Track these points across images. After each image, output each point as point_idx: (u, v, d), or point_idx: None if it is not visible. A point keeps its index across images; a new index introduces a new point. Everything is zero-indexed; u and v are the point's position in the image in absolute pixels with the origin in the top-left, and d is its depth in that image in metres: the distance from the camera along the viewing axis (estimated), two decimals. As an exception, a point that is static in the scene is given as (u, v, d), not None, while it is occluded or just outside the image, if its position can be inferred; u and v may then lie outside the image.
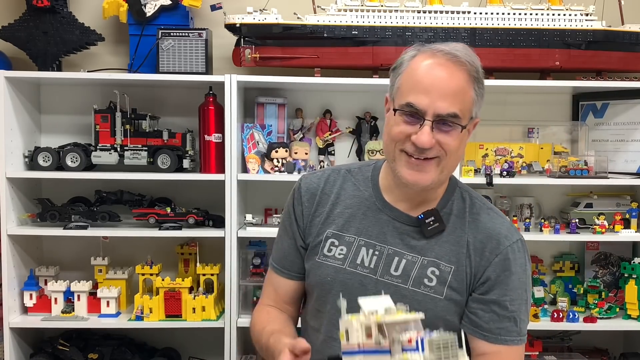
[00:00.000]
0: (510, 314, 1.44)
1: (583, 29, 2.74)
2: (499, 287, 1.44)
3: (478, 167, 2.81)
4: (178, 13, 2.77)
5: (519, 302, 1.45)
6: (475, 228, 1.48)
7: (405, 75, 1.42)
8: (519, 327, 1.45)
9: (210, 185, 2.71)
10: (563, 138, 3.01)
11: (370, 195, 1.53)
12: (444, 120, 1.37)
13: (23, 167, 2.73)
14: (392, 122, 1.42)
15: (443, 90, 1.36)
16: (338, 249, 1.50)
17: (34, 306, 2.71)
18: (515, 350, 1.46)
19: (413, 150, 1.38)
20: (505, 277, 1.44)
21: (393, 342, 1.07)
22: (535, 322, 2.69)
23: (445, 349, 1.05)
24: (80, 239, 2.86)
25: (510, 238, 1.47)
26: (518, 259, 1.46)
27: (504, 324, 1.44)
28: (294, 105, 2.93)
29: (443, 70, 1.38)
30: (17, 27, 2.73)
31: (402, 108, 1.38)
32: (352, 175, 1.58)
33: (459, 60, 1.39)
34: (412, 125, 1.38)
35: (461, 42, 2.65)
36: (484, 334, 1.44)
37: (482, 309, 1.44)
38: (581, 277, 3.01)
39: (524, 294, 1.47)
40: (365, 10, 2.72)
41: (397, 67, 1.45)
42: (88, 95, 2.89)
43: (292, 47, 2.72)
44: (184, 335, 2.94)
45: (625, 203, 2.87)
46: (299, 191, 1.57)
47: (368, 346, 1.10)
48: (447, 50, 1.40)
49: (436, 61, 1.39)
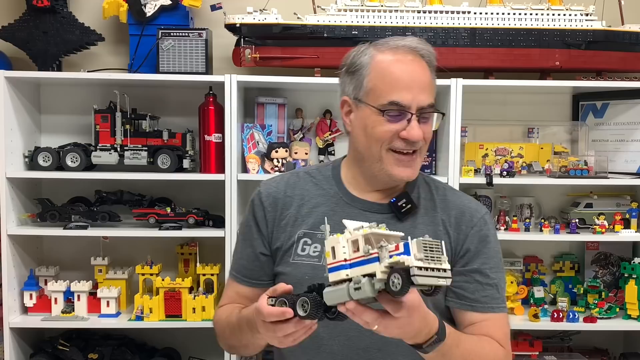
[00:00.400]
0: (492, 281, 1.50)
1: (583, 29, 2.74)
2: (478, 257, 1.50)
3: (478, 167, 2.81)
4: (178, 13, 2.77)
5: (497, 269, 1.52)
6: (446, 207, 1.54)
7: (374, 75, 1.45)
8: (501, 294, 1.51)
9: (210, 185, 2.71)
10: (563, 138, 3.01)
11: (335, 192, 1.55)
12: (424, 112, 1.44)
13: (23, 167, 2.73)
14: (372, 124, 1.44)
15: (421, 84, 1.44)
16: (311, 247, 1.51)
17: (34, 306, 2.71)
18: (502, 317, 1.51)
19: (404, 146, 1.43)
20: (483, 247, 1.50)
21: (381, 250, 1.09)
22: (535, 322, 2.70)
23: (431, 251, 1.07)
24: (80, 239, 2.86)
25: (480, 211, 1.56)
26: (491, 229, 1.55)
27: (488, 292, 1.49)
28: (294, 105, 2.93)
29: (415, 65, 1.45)
30: (17, 27, 2.72)
31: (388, 107, 1.42)
32: (312, 176, 1.59)
33: (421, 54, 1.47)
34: (396, 122, 1.43)
35: (461, 42, 2.70)
36: (471, 305, 1.48)
37: (466, 280, 1.49)
38: (581, 277, 3.01)
39: (500, 262, 1.55)
40: (365, 10, 2.71)
41: (357, 69, 1.48)
42: (88, 95, 2.88)
43: (292, 47, 2.72)
44: (184, 335, 2.94)
45: (625, 203, 2.87)
46: (259, 198, 1.57)
47: (355, 259, 1.11)
48: (409, 45, 1.46)
49: (404, 57, 1.45)
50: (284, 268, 1.54)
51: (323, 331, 1.46)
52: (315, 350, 1.49)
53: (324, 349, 1.48)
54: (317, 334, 1.45)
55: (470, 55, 2.71)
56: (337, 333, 1.47)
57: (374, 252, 1.09)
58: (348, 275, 1.12)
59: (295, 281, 1.50)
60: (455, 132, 2.64)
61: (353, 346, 1.46)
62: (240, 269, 1.59)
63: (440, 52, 2.66)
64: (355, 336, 1.46)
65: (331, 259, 1.15)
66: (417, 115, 1.42)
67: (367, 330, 1.43)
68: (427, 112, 1.44)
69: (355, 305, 1.12)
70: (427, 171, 2.86)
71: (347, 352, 1.47)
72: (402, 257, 1.05)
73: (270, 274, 1.58)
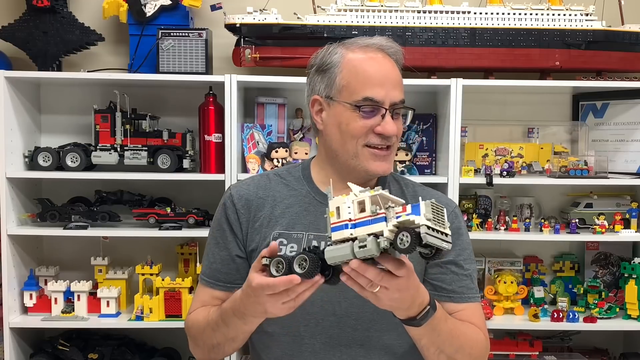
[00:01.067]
0: (466, 272, 1.54)
1: (583, 29, 2.74)
2: (453, 249, 1.47)
3: (478, 167, 2.81)
4: (178, 13, 2.77)
5: (470, 261, 1.56)
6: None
7: (346, 73, 1.48)
8: (474, 285, 1.56)
9: (210, 185, 2.71)
10: (563, 138, 3.01)
11: (307, 192, 1.55)
12: (396, 108, 1.48)
13: (23, 167, 2.73)
14: (346, 120, 1.47)
15: (393, 81, 1.48)
16: (288, 247, 1.50)
17: (34, 306, 2.71)
18: (478, 306, 1.55)
19: (379, 141, 1.46)
20: (456, 239, 1.50)
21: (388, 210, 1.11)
22: (535, 322, 2.70)
23: (437, 214, 1.10)
24: (80, 239, 2.86)
25: (451, 205, 1.60)
26: (462, 222, 1.60)
27: (464, 282, 1.53)
28: (294, 105, 2.93)
29: (386, 63, 1.49)
30: (17, 27, 2.72)
31: (362, 103, 1.45)
32: (282, 177, 1.59)
33: (389, 52, 1.51)
34: (370, 118, 1.46)
35: (461, 42, 2.70)
36: (449, 295, 1.51)
37: (442, 272, 1.52)
38: (581, 277, 3.01)
39: (472, 254, 1.59)
40: (365, 10, 2.71)
41: (328, 67, 1.52)
42: (88, 95, 2.89)
43: (292, 47, 2.72)
44: (184, 335, 2.92)
45: (625, 203, 2.87)
46: (231, 200, 1.55)
47: (360, 219, 1.14)
48: (378, 44, 1.51)
49: (375, 55, 1.49)
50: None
51: (304, 330, 1.47)
52: (296, 349, 1.48)
53: (306, 348, 1.47)
54: (298, 334, 1.47)
55: (470, 55, 2.71)
56: (318, 332, 1.46)
57: (381, 212, 1.11)
58: (352, 234, 1.14)
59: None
60: (455, 132, 2.64)
61: (335, 344, 1.46)
62: (214, 274, 1.55)
63: (440, 52, 2.73)
64: (337, 334, 1.46)
65: (335, 218, 1.17)
66: (390, 111, 1.46)
67: (348, 326, 1.45)
68: (399, 108, 1.48)
69: (360, 263, 1.14)
70: (427, 171, 2.87)
71: (329, 350, 1.47)
72: (411, 216, 1.07)
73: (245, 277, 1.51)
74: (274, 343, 1.51)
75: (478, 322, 1.52)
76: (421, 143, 2.87)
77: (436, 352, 1.39)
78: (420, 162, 2.86)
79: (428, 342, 1.37)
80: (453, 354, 1.41)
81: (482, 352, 1.50)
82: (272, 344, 1.51)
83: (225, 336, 1.45)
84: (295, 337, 1.48)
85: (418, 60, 2.66)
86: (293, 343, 1.48)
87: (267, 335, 1.51)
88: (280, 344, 1.50)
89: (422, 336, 1.35)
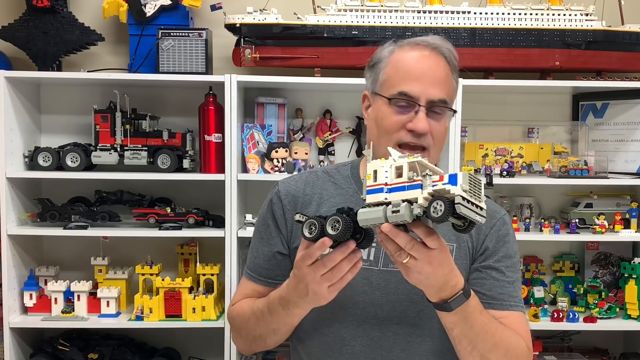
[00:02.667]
0: (508, 279, 1.49)
1: (583, 29, 2.74)
2: (495, 255, 1.49)
3: (478, 167, 2.81)
4: (178, 13, 2.77)
5: (513, 269, 1.51)
6: None
7: (389, 68, 1.46)
8: (518, 294, 1.50)
9: (210, 185, 2.71)
10: (563, 138, 3.01)
11: (354, 192, 1.53)
12: (434, 107, 1.43)
13: (23, 167, 2.73)
14: (382, 115, 1.45)
15: (433, 78, 1.43)
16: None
17: (34, 306, 2.71)
18: (521, 316, 1.49)
19: (410, 138, 1.42)
20: (501, 246, 1.50)
21: (425, 178, 1.11)
22: (535, 322, 2.70)
23: (475, 186, 1.10)
24: (80, 239, 2.86)
25: (500, 212, 1.56)
26: (510, 230, 1.54)
27: (505, 289, 1.48)
28: (294, 105, 2.93)
29: (430, 60, 1.45)
30: (17, 27, 2.72)
31: (396, 97, 1.42)
32: (330, 175, 1.58)
33: (441, 51, 1.46)
34: (405, 114, 1.43)
35: (461, 42, 2.70)
36: (488, 302, 1.45)
37: (482, 277, 1.48)
38: (581, 277, 3.01)
39: (517, 264, 1.54)
40: (365, 10, 2.71)
41: (376, 63, 1.50)
42: (88, 95, 2.88)
43: (292, 47, 2.72)
44: (184, 335, 2.94)
45: (625, 203, 2.87)
46: (278, 196, 1.55)
47: (396, 184, 1.13)
48: (428, 42, 1.47)
49: (420, 53, 1.45)
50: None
51: (345, 332, 1.46)
52: (337, 351, 1.47)
53: (347, 349, 1.46)
54: (339, 335, 1.46)
55: (470, 55, 2.71)
56: (359, 334, 1.45)
57: (418, 179, 1.11)
58: (387, 198, 1.13)
59: None
60: (455, 132, 2.64)
61: (375, 347, 1.44)
62: (256, 268, 1.56)
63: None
64: (378, 337, 1.44)
65: (371, 181, 1.16)
66: (426, 109, 1.41)
67: (390, 330, 1.43)
68: (437, 106, 1.43)
69: (391, 227, 1.13)
70: (427, 171, 2.86)
71: (369, 353, 1.45)
72: (448, 186, 1.07)
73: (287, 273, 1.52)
74: (315, 343, 1.50)
75: (521, 331, 1.46)
76: (421, 143, 2.86)
77: (469, 347, 1.34)
78: (420, 162, 2.86)
79: (460, 334, 1.32)
80: (487, 353, 1.35)
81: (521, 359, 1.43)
82: (314, 345, 1.50)
83: (268, 327, 1.46)
84: (336, 338, 1.47)
85: (418, 60, 2.66)
86: (334, 344, 1.47)
87: (309, 337, 1.51)
88: (321, 344, 1.49)
89: (454, 325, 1.31)
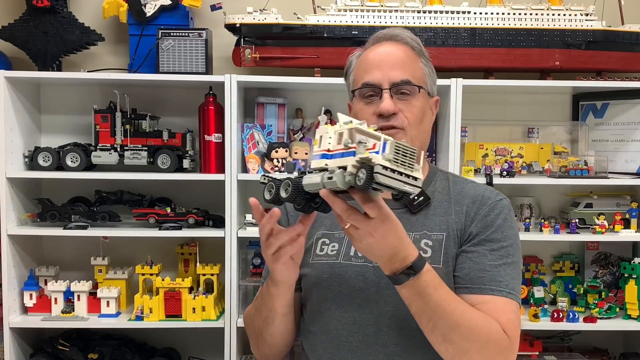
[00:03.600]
0: (492, 262, 1.42)
1: (583, 29, 2.74)
2: (477, 238, 1.46)
3: (478, 167, 2.81)
4: (178, 13, 2.77)
5: (501, 254, 1.44)
6: (461, 198, 1.53)
7: (356, 69, 1.55)
8: (504, 279, 1.42)
9: (210, 185, 2.71)
10: (563, 138, 3.02)
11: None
12: (400, 89, 1.47)
13: (23, 167, 2.73)
14: (357, 110, 1.51)
15: (393, 62, 1.48)
16: (329, 246, 1.52)
17: (34, 306, 2.71)
18: (506, 303, 1.40)
19: (382, 122, 1.45)
20: (486, 230, 1.46)
21: (359, 145, 1.09)
22: (535, 322, 2.69)
23: (404, 156, 1.07)
24: (80, 239, 2.86)
25: (493, 198, 1.51)
26: (502, 215, 1.48)
27: (486, 273, 1.42)
28: (294, 105, 2.93)
29: (388, 47, 1.51)
30: (17, 27, 2.72)
31: (361, 88, 1.49)
32: None
33: (400, 38, 1.52)
34: (373, 103, 1.48)
35: (461, 42, 2.71)
36: (466, 286, 1.42)
37: (462, 261, 1.44)
38: (581, 277, 3.01)
39: (510, 249, 1.46)
40: (365, 10, 2.72)
41: (347, 70, 1.59)
42: (88, 95, 2.89)
43: (292, 47, 2.72)
44: (184, 335, 2.95)
45: (625, 203, 2.87)
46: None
47: (336, 151, 1.14)
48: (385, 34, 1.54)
49: (380, 45, 1.53)
50: (305, 269, 1.54)
51: (342, 328, 1.48)
52: (335, 347, 1.49)
53: (343, 346, 1.48)
54: (336, 332, 1.48)
55: (470, 55, 2.72)
56: (355, 330, 1.47)
57: (353, 146, 1.10)
58: (327, 165, 1.14)
59: (314, 281, 1.52)
60: (455, 132, 2.64)
61: (371, 342, 1.46)
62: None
63: (440, 52, 2.73)
64: (373, 332, 1.46)
65: (317, 147, 1.18)
66: (390, 91, 1.46)
67: (384, 325, 1.45)
68: (403, 87, 1.47)
69: (328, 193, 1.13)
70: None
71: (365, 348, 1.46)
72: (372, 154, 1.06)
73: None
74: (316, 342, 1.53)
75: (500, 316, 1.36)
76: (421, 143, 2.87)
77: (429, 325, 1.30)
78: (420, 162, 2.86)
79: (418, 310, 1.29)
80: (448, 332, 1.29)
81: (491, 344, 1.33)
82: (316, 343, 1.53)
83: (261, 315, 1.51)
84: (334, 335, 1.49)
85: (418, 60, 2.66)
86: (332, 341, 1.49)
87: (311, 335, 1.54)
88: (321, 342, 1.51)
89: (411, 301, 1.28)
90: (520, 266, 1.50)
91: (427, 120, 1.55)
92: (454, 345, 1.31)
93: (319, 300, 1.52)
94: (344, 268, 1.49)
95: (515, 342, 1.38)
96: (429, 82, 1.55)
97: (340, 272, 1.49)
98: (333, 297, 1.48)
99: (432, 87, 1.57)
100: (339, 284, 1.48)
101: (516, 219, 2.70)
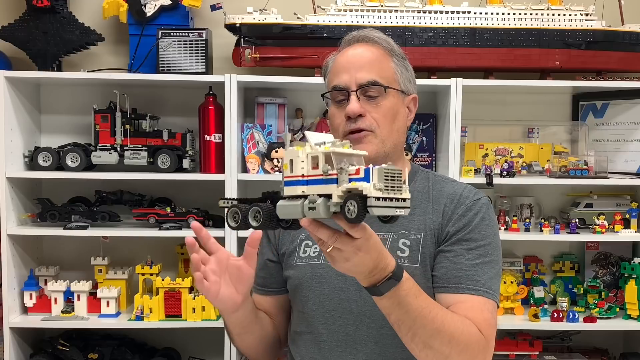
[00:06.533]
0: (469, 262, 1.43)
1: (583, 29, 2.74)
2: (454, 237, 1.47)
3: (478, 167, 2.81)
4: (178, 13, 2.77)
5: (479, 253, 1.45)
6: (440, 197, 1.54)
7: (329, 72, 1.57)
8: (481, 278, 1.43)
9: (210, 185, 2.71)
10: (563, 138, 3.01)
11: None
12: (366, 90, 1.47)
13: (23, 167, 2.73)
14: (330, 115, 1.54)
15: (360, 64, 1.49)
16: (312, 248, 1.54)
17: (34, 306, 2.71)
18: (483, 302, 1.41)
19: (351, 125, 1.47)
20: (463, 229, 1.46)
21: (341, 172, 1.04)
22: (535, 322, 2.70)
23: (392, 180, 1.03)
24: (80, 239, 2.87)
25: (471, 197, 1.52)
26: (480, 214, 1.48)
27: (463, 272, 1.42)
28: (294, 105, 2.93)
29: (356, 50, 1.53)
30: (17, 27, 2.72)
31: (330, 92, 1.51)
32: None
33: (370, 39, 1.53)
34: (344, 106, 1.49)
35: (461, 42, 2.71)
36: (443, 285, 1.43)
37: (439, 261, 1.46)
38: (581, 277, 3.01)
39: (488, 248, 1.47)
40: (365, 10, 2.71)
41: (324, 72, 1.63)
42: (88, 95, 2.89)
43: (292, 47, 2.72)
44: (184, 335, 2.94)
45: (625, 203, 2.87)
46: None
47: (313, 177, 1.07)
48: (356, 35, 1.56)
49: (349, 47, 1.55)
50: (288, 272, 1.57)
51: (323, 327, 1.50)
52: (316, 347, 1.52)
53: (324, 345, 1.50)
54: (317, 331, 1.51)
55: (470, 55, 2.71)
56: (335, 329, 1.49)
57: (333, 173, 1.04)
58: (304, 192, 1.07)
59: (297, 283, 1.54)
60: (455, 132, 2.64)
61: (350, 341, 1.48)
62: (256, 279, 1.62)
63: (440, 52, 2.73)
64: (353, 331, 1.48)
65: (288, 172, 1.09)
66: (357, 93, 1.47)
67: (363, 325, 1.47)
68: (370, 88, 1.47)
69: (310, 222, 1.08)
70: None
71: (345, 348, 1.49)
72: (361, 183, 1.01)
73: (280, 280, 1.62)
74: (300, 342, 1.55)
75: (476, 317, 1.37)
76: (421, 143, 2.87)
77: (409, 334, 1.28)
78: (420, 162, 2.86)
79: (398, 320, 1.27)
80: (429, 340, 1.28)
81: (471, 347, 1.34)
82: (300, 343, 1.55)
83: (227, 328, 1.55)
84: (315, 335, 1.51)
85: (418, 60, 2.65)
86: (314, 341, 1.52)
87: (296, 335, 1.57)
88: (304, 342, 1.54)
89: (390, 310, 1.25)
90: (499, 265, 1.50)
91: (401, 119, 1.54)
92: (434, 350, 1.30)
93: (302, 301, 1.54)
94: (324, 269, 1.50)
95: (491, 340, 1.39)
96: (401, 81, 1.53)
97: (321, 273, 1.51)
98: (314, 297, 1.51)
99: (407, 86, 1.55)
100: (320, 284, 1.50)
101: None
